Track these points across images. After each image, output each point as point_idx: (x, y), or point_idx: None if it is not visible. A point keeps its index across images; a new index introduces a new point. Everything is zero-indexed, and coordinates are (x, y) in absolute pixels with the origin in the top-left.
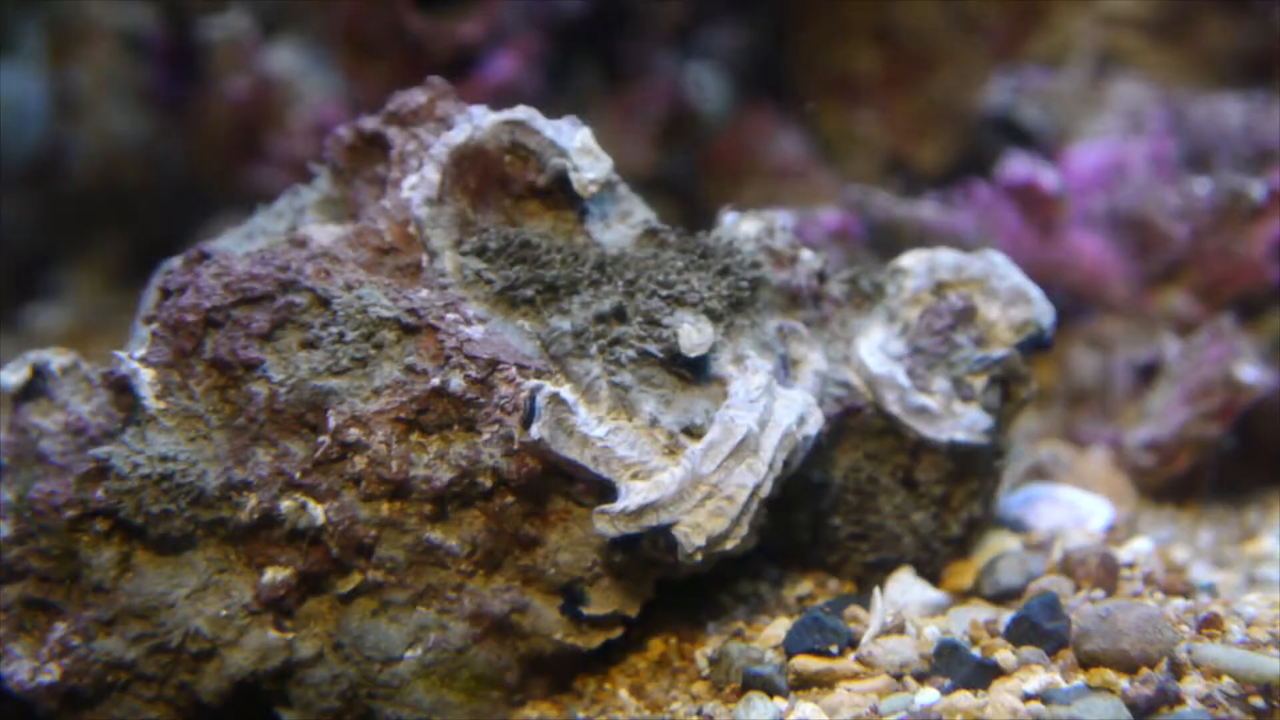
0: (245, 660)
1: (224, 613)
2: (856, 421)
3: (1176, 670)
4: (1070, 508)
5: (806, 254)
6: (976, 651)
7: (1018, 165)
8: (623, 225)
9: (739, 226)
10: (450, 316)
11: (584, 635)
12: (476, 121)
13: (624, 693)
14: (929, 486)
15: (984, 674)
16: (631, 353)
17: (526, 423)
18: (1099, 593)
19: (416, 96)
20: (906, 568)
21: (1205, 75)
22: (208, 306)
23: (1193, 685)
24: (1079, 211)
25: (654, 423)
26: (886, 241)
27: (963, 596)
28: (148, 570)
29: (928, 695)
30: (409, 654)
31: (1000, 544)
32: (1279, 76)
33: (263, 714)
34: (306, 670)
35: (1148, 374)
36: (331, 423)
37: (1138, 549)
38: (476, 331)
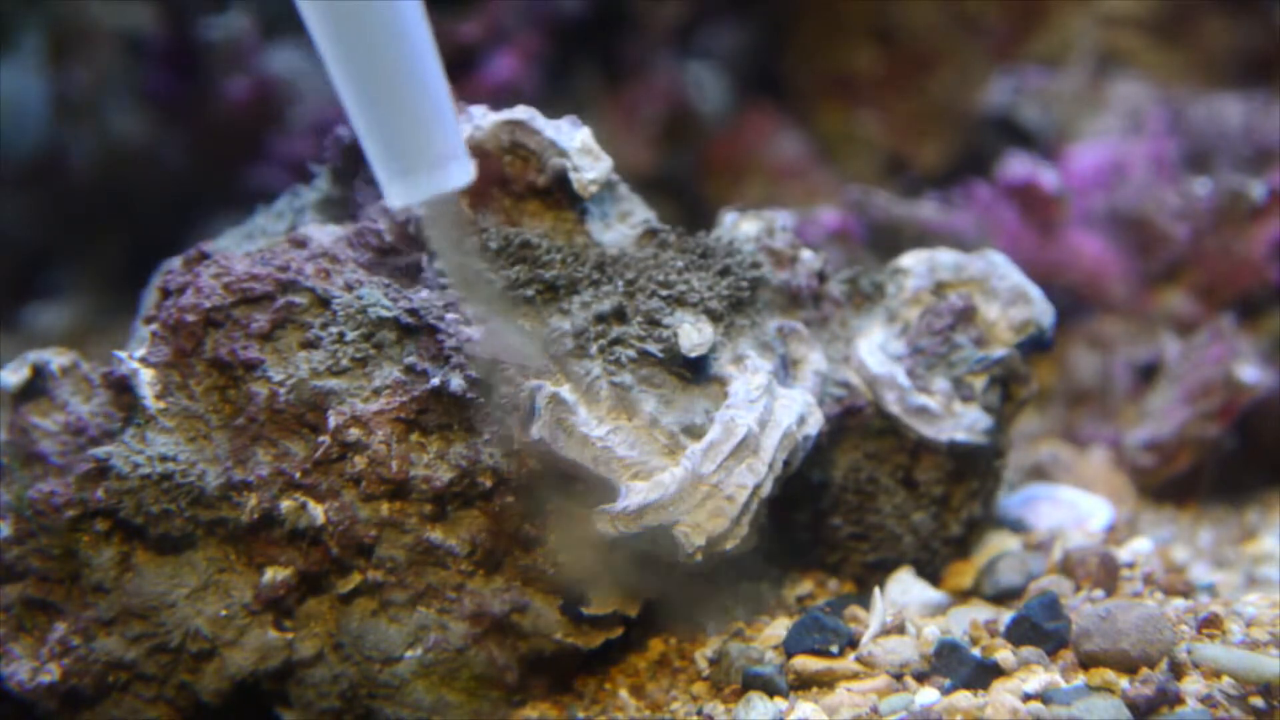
0: (245, 660)
1: (224, 612)
2: (856, 421)
3: (1176, 670)
4: (1070, 508)
5: (806, 254)
6: (976, 651)
7: (1017, 165)
8: (623, 225)
9: (739, 226)
10: (450, 316)
11: (584, 635)
12: (476, 121)
13: (624, 693)
14: (929, 486)
15: (984, 674)
16: (632, 353)
17: (526, 423)
18: (1099, 593)
19: None
20: (906, 568)
21: (1205, 75)
22: (208, 306)
23: (1193, 685)
24: (1079, 211)
25: (654, 423)
26: (886, 241)
27: (963, 596)
28: (148, 570)
29: (928, 695)
30: (409, 654)
31: (1000, 544)
32: (1279, 76)
33: (263, 714)
34: (306, 670)
35: (1148, 374)
36: (331, 423)
37: (1138, 549)
38: (477, 331)
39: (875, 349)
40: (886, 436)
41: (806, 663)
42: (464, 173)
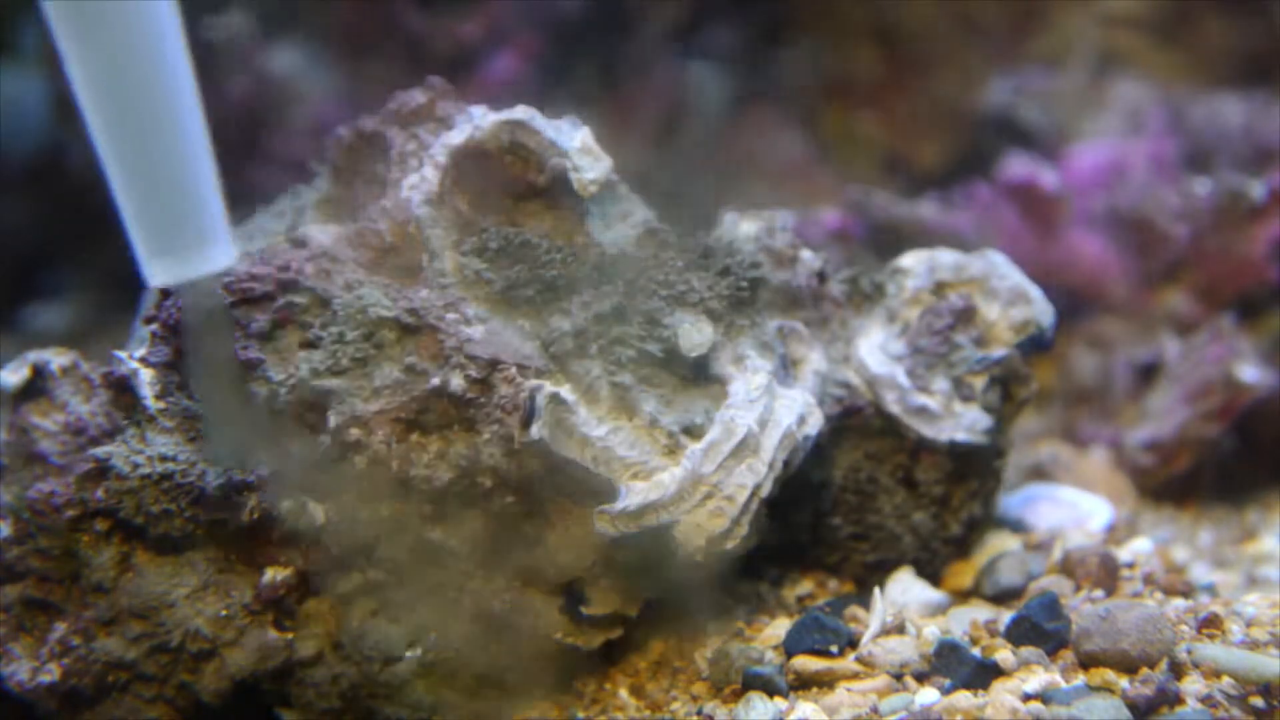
0: (245, 660)
1: (224, 612)
2: (856, 421)
3: (1176, 670)
4: (1070, 508)
5: (806, 254)
6: (976, 651)
7: (1018, 165)
8: (623, 225)
9: (739, 226)
10: (450, 316)
11: (584, 635)
12: (476, 121)
13: (624, 693)
14: (929, 486)
15: (984, 674)
16: (631, 352)
17: (526, 423)
18: (1099, 593)
19: (416, 96)
20: (906, 568)
21: (1205, 75)
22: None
23: (1193, 685)
24: (1079, 211)
25: (654, 423)
26: (886, 241)
27: (963, 596)
28: (148, 570)
29: (928, 695)
30: (409, 654)
31: (1000, 544)
32: (1279, 76)
33: (263, 714)
34: (306, 670)
35: (1148, 374)
36: (331, 423)
37: (1138, 549)
38: (477, 331)
39: (875, 349)
40: (886, 436)
41: (806, 663)
42: (225, 256)
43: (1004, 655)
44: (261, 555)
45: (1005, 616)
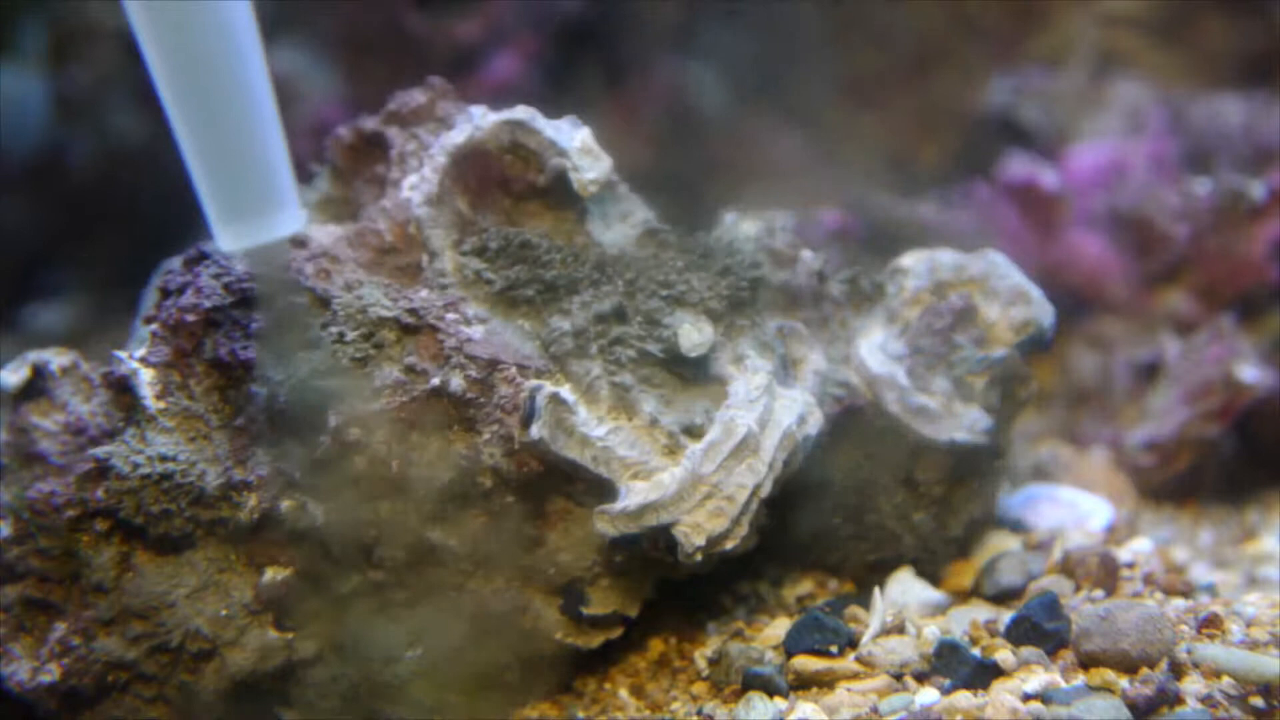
0: (245, 660)
1: (224, 612)
2: (856, 421)
3: (1176, 670)
4: (1070, 508)
5: (806, 254)
6: (976, 651)
7: (1018, 165)
8: (623, 225)
9: (739, 226)
10: (450, 316)
11: (584, 635)
12: (476, 121)
13: (624, 693)
14: (929, 486)
15: (984, 674)
16: (632, 352)
17: (526, 423)
18: (1099, 593)
19: (416, 96)
20: (906, 567)
21: (1205, 75)
22: (208, 306)
23: (1193, 685)
24: (1079, 211)
25: (654, 422)
26: (886, 241)
27: (963, 596)
28: (148, 570)
29: (928, 695)
30: (409, 654)
31: (1000, 544)
32: (1279, 76)
33: (263, 714)
34: (306, 670)
35: (1148, 374)
36: (331, 423)
37: (1138, 549)
38: (477, 331)
39: (875, 349)
40: (886, 436)
41: (806, 663)
42: (294, 221)
43: (1004, 655)
44: (261, 555)
45: (1005, 616)
